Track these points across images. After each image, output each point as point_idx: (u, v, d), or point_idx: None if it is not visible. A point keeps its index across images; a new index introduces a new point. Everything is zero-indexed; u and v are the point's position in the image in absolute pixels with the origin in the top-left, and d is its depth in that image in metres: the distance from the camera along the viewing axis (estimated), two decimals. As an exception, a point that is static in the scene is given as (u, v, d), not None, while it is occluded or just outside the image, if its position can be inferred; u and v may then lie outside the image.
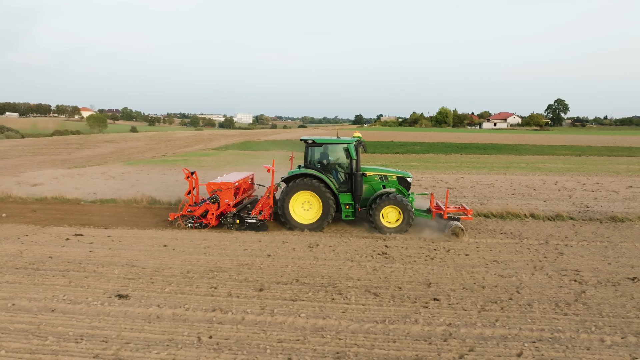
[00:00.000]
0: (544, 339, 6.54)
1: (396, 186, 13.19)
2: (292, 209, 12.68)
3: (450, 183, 21.85)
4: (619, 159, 38.79)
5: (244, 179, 14.37)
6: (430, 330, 6.79)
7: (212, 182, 13.05)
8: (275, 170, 13.22)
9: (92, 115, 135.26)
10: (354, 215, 12.81)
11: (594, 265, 9.81)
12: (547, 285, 8.60)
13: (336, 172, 13.24)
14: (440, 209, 13.01)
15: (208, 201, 12.78)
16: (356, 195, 12.72)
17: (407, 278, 8.95)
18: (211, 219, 12.63)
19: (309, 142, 13.24)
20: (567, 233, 12.58)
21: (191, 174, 13.32)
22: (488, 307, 7.63)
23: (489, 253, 10.68)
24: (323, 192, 12.43)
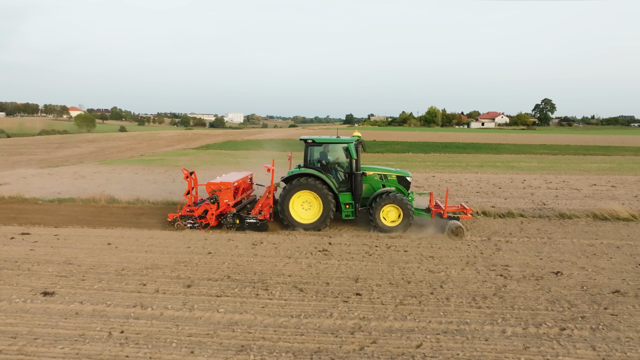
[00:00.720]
0: (449, 331, 6.75)
1: (396, 185, 13.27)
2: (293, 209, 12.70)
3: (419, 181, 22.09)
4: (594, 157, 39.38)
5: (243, 178, 14.40)
6: (342, 323, 6.97)
7: (212, 182, 13.06)
8: (272, 169, 13.16)
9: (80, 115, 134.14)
10: (354, 214, 12.87)
11: (525, 261, 10.06)
12: (471, 280, 8.83)
13: (336, 172, 13.30)
14: (440, 208, 13.12)
15: (207, 201, 12.75)
16: (356, 195, 12.78)
17: (338, 274, 9.13)
18: (211, 219, 12.60)
19: (309, 141, 13.26)
20: (512, 230, 12.84)
21: (190, 174, 13.29)
22: (406, 301, 7.82)
23: (428, 249, 10.90)
24: (323, 192, 12.45)
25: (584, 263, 9.94)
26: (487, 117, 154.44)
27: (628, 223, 13.73)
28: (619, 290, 8.35)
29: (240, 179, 14.06)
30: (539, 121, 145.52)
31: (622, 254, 10.66)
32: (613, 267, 9.73)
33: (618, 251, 10.87)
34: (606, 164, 34.03)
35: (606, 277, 9.05)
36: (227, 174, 15.26)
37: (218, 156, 37.62)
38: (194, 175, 13.45)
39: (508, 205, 16.12)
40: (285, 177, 12.98)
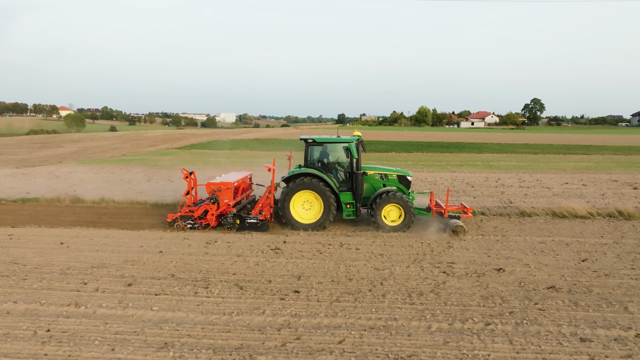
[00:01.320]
0: (376, 327, 6.85)
1: (396, 185, 13.28)
2: (293, 209, 12.66)
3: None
4: (574, 157, 39.79)
5: (242, 178, 14.33)
6: (272, 320, 7.04)
7: (212, 182, 12.99)
8: (273, 169, 13.11)
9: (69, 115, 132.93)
10: (355, 214, 12.85)
11: (473, 258, 10.20)
12: (413, 277, 8.93)
13: (336, 171, 13.28)
14: (441, 208, 13.16)
15: (207, 201, 12.67)
16: (357, 194, 12.75)
17: (284, 272, 9.20)
18: (211, 219, 12.52)
19: (309, 141, 13.22)
20: (470, 228, 12.99)
21: (190, 174, 13.20)
22: (343, 298, 7.91)
23: (381, 247, 11.00)
24: (324, 192, 12.42)
25: (530, 260, 10.10)
26: (477, 117, 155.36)
27: (584, 221, 13.94)
28: (554, 286, 8.51)
29: (240, 179, 14.01)
30: (528, 121, 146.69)
31: (569, 250, 10.84)
32: (556, 263, 9.89)
33: (566, 248, 11.05)
34: (584, 162, 34.44)
35: (546, 274, 9.20)
36: (227, 174, 15.20)
37: (200, 156, 37.56)
38: (193, 175, 13.33)
39: (475, 204, 16.27)
40: (286, 177, 12.92)
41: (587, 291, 8.29)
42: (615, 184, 22.91)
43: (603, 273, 9.23)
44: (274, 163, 13.13)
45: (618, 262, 10.00)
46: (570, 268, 9.55)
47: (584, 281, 8.78)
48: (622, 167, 31.33)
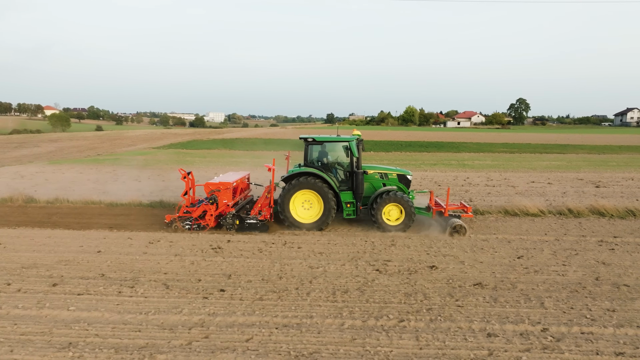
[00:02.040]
0: (289, 325, 6.85)
1: (396, 184, 13.25)
2: (293, 209, 12.56)
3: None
4: (549, 155, 40.28)
5: (241, 178, 14.18)
6: (187, 319, 7.01)
7: (210, 182, 12.82)
8: (273, 169, 12.99)
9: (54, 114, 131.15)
10: (355, 213, 12.79)
11: (410, 256, 10.27)
12: (344, 275, 8.97)
13: (336, 171, 13.21)
14: (441, 207, 13.14)
15: (206, 202, 12.50)
16: (357, 194, 12.69)
17: (217, 271, 9.17)
18: (210, 220, 12.36)
19: (309, 140, 13.12)
20: (420, 227, 13.06)
21: (187, 174, 13.04)
22: (267, 296, 7.92)
23: (324, 246, 11.02)
24: (324, 191, 12.33)
25: (466, 257, 10.20)
26: (463, 117, 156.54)
27: (534, 218, 14.13)
28: (480, 282, 8.60)
29: (239, 178, 13.87)
30: (514, 120, 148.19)
31: (509, 248, 10.97)
32: (492, 260, 10.00)
33: (507, 245, 11.18)
34: (557, 162, 34.88)
35: (478, 271, 9.30)
36: (225, 174, 15.04)
37: (176, 155, 37.33)
38: (191, 176, 13.15)
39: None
40: (286, 177, 12.82)
41: (511, 287, 8.39)
42: (580, 182, 23.26)
43: (533, 269, 9.35)
44: (273, 163, 13.01)
45: (552, 258, 10.15)
46: (503, 265, 9.66)
47: (512, 277, 8.90)
48: (592, 165, 31.81)
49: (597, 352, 6.09)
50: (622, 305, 7.56)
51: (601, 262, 9.89)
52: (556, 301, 7.73)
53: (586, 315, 7.16)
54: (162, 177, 24.10)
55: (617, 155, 40.66)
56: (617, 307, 7.51)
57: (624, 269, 9.39)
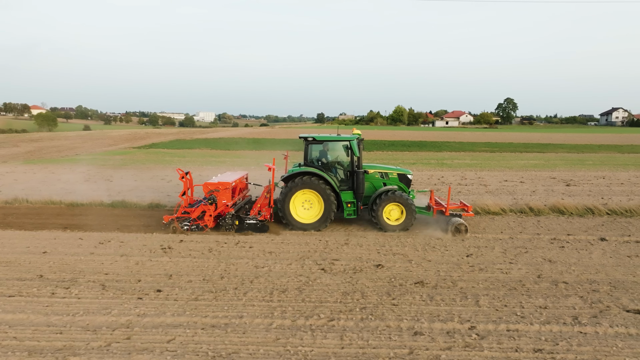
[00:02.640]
0: (217, 325, 6.77)
1: (397, 183, 13.14)
2: (293, 209, 12.41)
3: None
4: (528, 155, 40.59)
5: (239, 178, 13.99)
6: (114, 320, 6.90)
7: (209, 182, 12.63)
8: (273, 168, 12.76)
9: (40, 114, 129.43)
10: (355, 213, 12.67)
11: (360, 255, 10.24)
12: (288, 274, 8.91)
13: (336, 170, 13.07)
14: (441, 206, 13.05)
15: (205, 202, 12.30)
16: (358, 193, 12.56)
17: (160, 271, 9.06)
18: (209, 220, 12.17)
19: (309, 139, 12.96)
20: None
21: (185, 174, 12.80)
22: (202, 297, 7.83)
23: (277, 245, 10.95)
24: (325, 191, 12.20)
25: (416, 256, 10.20)
26: (452, 116, 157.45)
27: (494, 217, 14.19)
28: (422, 281, 8.59)
29: (237, 178, 13.70)
30: (502, 120, 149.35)
31: (461, 246, 10.99)
32: (440, 259, 10.01)
33: (460, 244, 11.20)
34: (535, 160, 35.17)
35: (423, 269, 9.30)
36: (223, 174, 14.84)
37: (155, 155, 37.01)
38: (189, 176, 12.95)
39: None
40: (285, 176, 12.68)
41: (452, 286, 8.40)
42: (553, 180, 23.48)
43: (478, 268, 9.37)
44: (273, 162, 12.86)
45: (501, 256, 10.19)
46: (450, 263, 9.67)
47: (455, 276, 8.90)
48: (568, 164, 32.12)
49: (516, 349, 6.10)
50: (554, 302, 7.60)
51: (548, 259, 9.95)
52: (492, 299, 7.75)
53: (517, 313, 7.18)
54: (136, 177, 23.87)
55: (595, 154, 41.12)
56: (550, 304, 7.54)
57: (568, 267, 9.45)
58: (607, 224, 13.29)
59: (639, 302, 7.61)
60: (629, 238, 11.73)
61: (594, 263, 9.72)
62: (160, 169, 27.94)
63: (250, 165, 30.01)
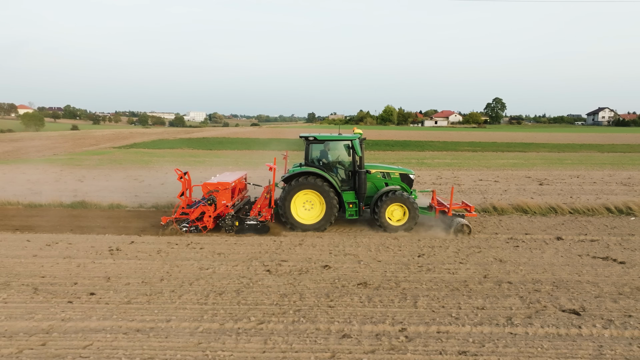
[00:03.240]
0: (141, 329, 6.56)
1: (399, 183, 12.98)
2: (294, 209, 12.20)
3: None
4: (509, 154, 40.76)
5: (239, 178, 13.74)
6: (35, 326, 6.66)
7: (208, 183, 12.36)
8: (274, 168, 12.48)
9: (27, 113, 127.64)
10: (357, 214, 12.49)
11: (310, 256, 10.07)
12: (231, 276, 8.72)
13: (337, 170, 12.87)
14: (444, 206, 12.90)
15: (204, 202, 12.02)
16: (360, 193, 12.38)
17: (100, 273, 8.81)
18: (208, 221, 11.90)
19: (310, 139, 12.73)
20: (339, 227, 12.88)
21: (184, 174, 12.51)
22: (136, 300, 7.61)
23: (228, 246, 10.75)
24: (326, 191, 12.00)
25: (367, 256, 10.07)
26: (441, 116, 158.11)
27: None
28: (366, 282, 8.46)
29: (237, 179, 13.47)
30: (491, 119, 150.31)
31: (415, 246, 10.88)
32: (391, 259, 9.89)
33: (415, 244, 11.08)
34: (514, 160, 35.31)
35: (371, 270, 9.16)
36: (221, 174, 14.61)
37: (134, 155, 36.58)
38: (187, 176, 12.68)
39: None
40: (286, 177, 12.45)
41: (395, 287, 8.27)
42: (527, 180, 23.55)
43: (427, 268, 9.27)
44: (274, 162, 12.64)
45: (453, 256, 10.09)
46: (399, 264, 9.55)
47: (401, 277, 8.78)
48: (547, 163, 32.30)
49: (441, 351, 5.99)
50: (493, 303, 7.50)
51: (499, 259, 9.87)
52: (431, 300, 7.63)
53: (452, 314, 7.07)
54: (108, 177, 23.53)
55: (575, 154, 41.42)
56: (488, 305, 7.45)
57: (516, 266, 9.38)
58: (567, 223, 13.30)
59: (576, 301, 7.55)
60: (585, 237, 11.72)
61: (543, 262, 9.66)
62: (136, 169, 27.59)
63: (228, 165, 29.83)
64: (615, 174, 26.34)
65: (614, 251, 10.49)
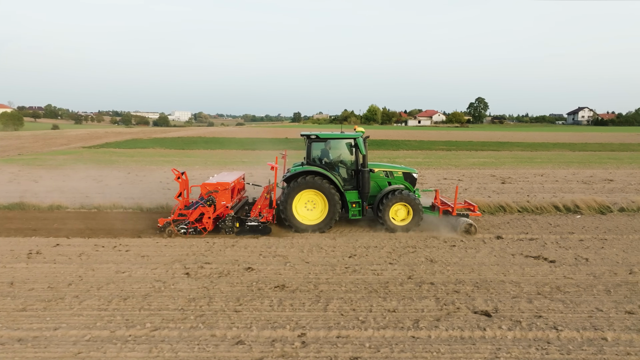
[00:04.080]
0: (24, 338, 6.15)
1: (402, 182, 12.69)
2: (296, 210, 11.82)
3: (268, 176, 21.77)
4: (483, 153, 40.99)
5: (237, 178, 13.25)
6: None
7: (207, 183, 11.89)
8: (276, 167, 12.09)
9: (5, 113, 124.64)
10: (361, 214, 12.14)
11: (238, 257, 9.71)
12: (145, 280, 8.33)
13: (339, 169, 12.49)
14: (447, 206, 12.62)
15: (203, 203, 11.57)
16: (364, 193, 12.05)
17: (7, 279, 8.33)
18: (207, 223, 11.48)
19: (312, 137, 12.31)
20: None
21: (181, 174, 12.01)
22: (32, 306, 7.15)
23: (157, 249, 10.34)
24: (329, 191, 11.64)
25: (298, 257, 9.77)
26: (425, 115, 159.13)
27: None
28: (284, 284, 8.17)
29: (236, 179, 13.01)
30: (473, 119, 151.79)
31: (350, 247, 10.60)
32: (320, 260, 9.61)
33: (350, 244, 10.80)
34: (485, 159, 35.47)
35: (295, 272, 8.87)
36: (219, 174, 14.14)
37: (102, 155, 35.82)
38: (184, 176, 12.19)
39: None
40: (287, 176, 12.04)
41: (313, 289, 7.99)
42: (492, 178, 23.61)
43: (353, 269, 9.01)
44: (276, 161, 12.27)
45: (385, 256, 9.85)
46: (327, 265, 9.27)
47: (323, 278, 8.50)
48: (516, 162, 32.48)
49: (332, 357, 5.71)
50: (406, 305, 7.27)
51: (430, 259, 9.67)
52: (343, 303, 7.37)
53: (359, 318, 6.82)
54: (67, 177, 22.87)
55: (547, 152, 41.83)
56: (401, 307, 7.21)
57: (445, 266, 9.19)
58: (512, 222, 13.22)
59: (492, 302, 7.37)
60: (525, 236, 11.62)
61: (473, 262, 9.49)
62: (99, 169, 26.91)
63: (195, 165, 29.32)
64: (579, 172, 26.57)
65: (548, 250, 10.39)
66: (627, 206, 14.65)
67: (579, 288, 8.00)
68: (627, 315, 6.88)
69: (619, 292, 7.79)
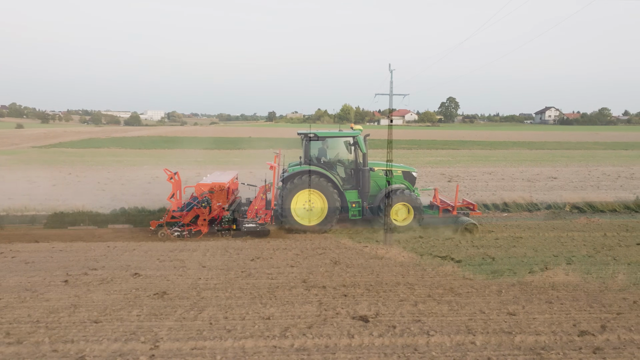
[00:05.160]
0: None
1: (401, 181, 12.30)
2: (294, 210, 11.35)
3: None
4: (441, 151, 41.40)
5: (232, 179, 12.63)
6: None
7: (202, 183, 11.26)
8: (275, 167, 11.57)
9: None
10: (360, 214, 11.69)
11: (131, 263, 9.16)
12: (10, 290, 7.64)
13: (336, 168, 12.00)
14: (447, 205, 12.29)
15: (198, 205, 10.90)
16: (364, 192, 11.63)
17: None
18: (203, 225, 10.90)
19: (310, 136, 11.79)
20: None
21: (174, 175, 11.27)
22: None
23: (53, 254, 9.71)
24: (329, 191, 11.19)
25: (196, 261, 9.26)
26: (397, 115, 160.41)
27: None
28: (166, 291, 7.64)
29: (230, 179, 12.41)
30: (444, 118, 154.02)
31: (258, 249, 10.19)
32: (220, 264, 9.12)
33: (260, 246, 10.38)
34: (443, 157, 35.78)
35: (184, 277, 8.34)
36: (212, 174, 13.40)
37: (51, 155, 34.43)
38: (177, 176, 11.46)
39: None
40: (286, 176, 11.50)
41: (194, 296, 7.47)
42: (441, 176, 23.70)
43: (248, 273, 8.55)
44: (275, 160, 11.70)
45: (289, 259, 9.43)
46: (222, 269, 8.79)
47: (212, 284, 8.01)
48: (471, 161, 32.82)
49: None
50: (286, 311, 6.84)
51: (335, 261, 9.28)
52: (219, 311, 6.90)
53: (227, 327, 6.33)
54: (3, 178, 21.70)
55: (505, 151, 42.56)
56: (279, 313, 6.77)
57: (345, 269, 8.83)
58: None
59: (375, 306, 7.02)
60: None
61: (379, 264, 9.19)
62: (39, 169, 25.68)
63: (143, 165, 28.33)
64: (527, 170, 26.97)
65: (459, 249, 10.22)
66: (554, 204, 14.73)
67: (473, 289, 7.78)
68: (508, 316, 6.66)
69: (509, 293, 7.60)
